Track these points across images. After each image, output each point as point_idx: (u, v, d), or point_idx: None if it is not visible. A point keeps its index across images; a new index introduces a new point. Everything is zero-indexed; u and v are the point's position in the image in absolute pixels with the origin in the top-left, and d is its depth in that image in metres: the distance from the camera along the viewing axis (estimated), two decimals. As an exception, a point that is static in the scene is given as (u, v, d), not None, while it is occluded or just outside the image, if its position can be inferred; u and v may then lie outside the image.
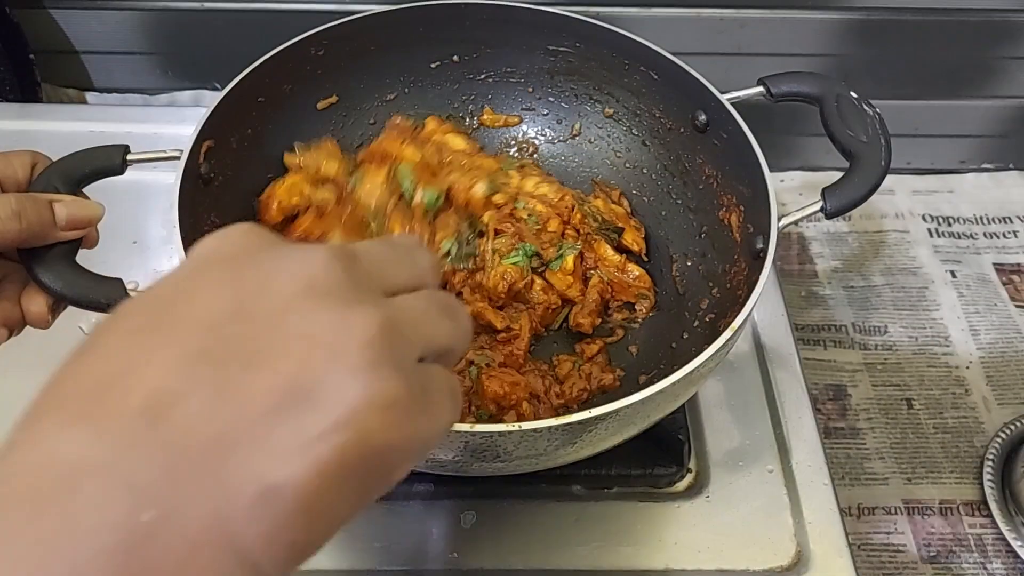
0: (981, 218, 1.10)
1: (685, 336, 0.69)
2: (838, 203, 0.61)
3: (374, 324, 0.27)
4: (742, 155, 0.64)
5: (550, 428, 0.51)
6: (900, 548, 0.84)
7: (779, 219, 0.60)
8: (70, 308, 0.55)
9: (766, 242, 0.60)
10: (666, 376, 0.52)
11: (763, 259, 0.59)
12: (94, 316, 0.60)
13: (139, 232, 0.79)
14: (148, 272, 0.77)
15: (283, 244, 0.30)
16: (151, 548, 0.23)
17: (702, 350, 0.54)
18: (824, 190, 0.61)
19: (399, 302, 0.30)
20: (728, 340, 0.55)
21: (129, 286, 0.76)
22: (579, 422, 0.51)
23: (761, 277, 0.57)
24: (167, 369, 0.25)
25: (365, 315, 0.27)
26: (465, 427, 0.51)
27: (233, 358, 0.25)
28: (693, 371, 0.53)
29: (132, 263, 0.77)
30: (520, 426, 0.51)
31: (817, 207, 0.61)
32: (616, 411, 0.51)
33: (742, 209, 0.66)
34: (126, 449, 0.23)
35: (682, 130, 0.74)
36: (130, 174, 0.58)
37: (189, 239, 0.58)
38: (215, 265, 0.28)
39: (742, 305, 0.57)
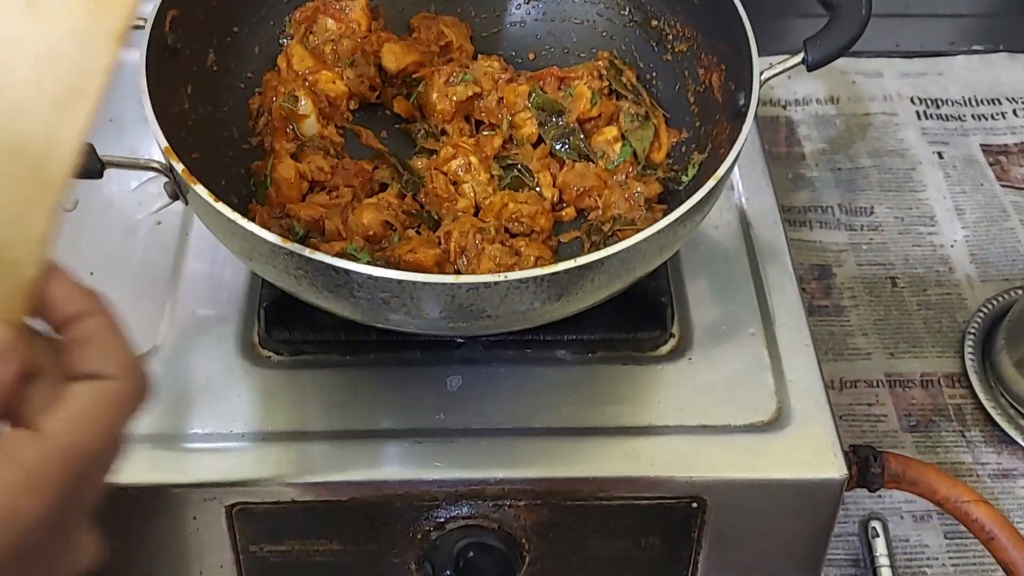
0: (970, 100, 1.09)
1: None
2: (820, 54, 0.60)
3: None
4: (721, 11, 0.63)
5: (535, 278, 0.51)
6: (881, 418, 0.85)
7: (761, 73, 0.59)
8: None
9: (748, 97, 0.59)
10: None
11: (745, 115, 0.58)
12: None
13: (114, 110, 0.77)
14: (125, 150, 0.75)
15: None
16: None
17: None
18: (806, 41, 0.60)
19: None
20: (713, 188, 0.54)
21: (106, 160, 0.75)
22: (564, 271, 0.51)
23: (744, 128, 0.57)
24: None
25: None
26: (450, 279, 0.51)
27: None
28: (677, 219, 0.53)
29: (108, 140, 0.75)
30: (506, 276, 0.51)
31: (799, 59, 0.60)
32: (601, 260, 0.52)
33: (723, 68, 0.65)
34: None
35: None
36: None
37: (160, 110, 0.58)
38: None
39: (723, 159, 0.56)
